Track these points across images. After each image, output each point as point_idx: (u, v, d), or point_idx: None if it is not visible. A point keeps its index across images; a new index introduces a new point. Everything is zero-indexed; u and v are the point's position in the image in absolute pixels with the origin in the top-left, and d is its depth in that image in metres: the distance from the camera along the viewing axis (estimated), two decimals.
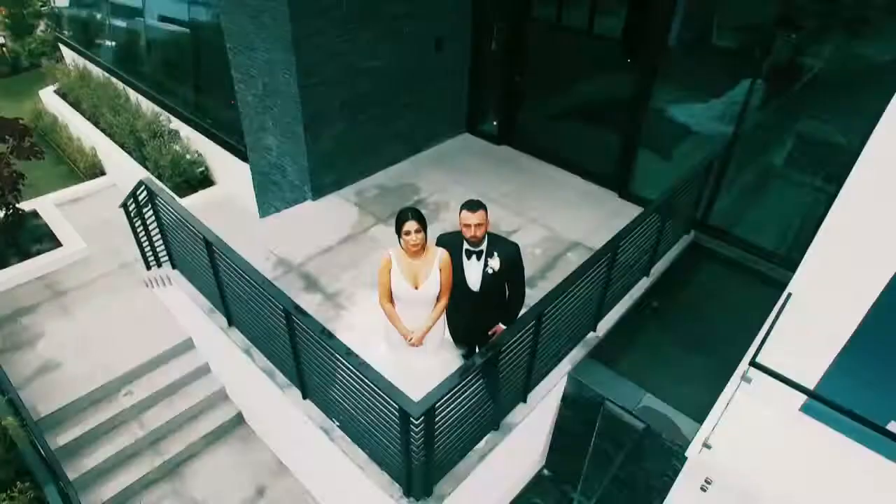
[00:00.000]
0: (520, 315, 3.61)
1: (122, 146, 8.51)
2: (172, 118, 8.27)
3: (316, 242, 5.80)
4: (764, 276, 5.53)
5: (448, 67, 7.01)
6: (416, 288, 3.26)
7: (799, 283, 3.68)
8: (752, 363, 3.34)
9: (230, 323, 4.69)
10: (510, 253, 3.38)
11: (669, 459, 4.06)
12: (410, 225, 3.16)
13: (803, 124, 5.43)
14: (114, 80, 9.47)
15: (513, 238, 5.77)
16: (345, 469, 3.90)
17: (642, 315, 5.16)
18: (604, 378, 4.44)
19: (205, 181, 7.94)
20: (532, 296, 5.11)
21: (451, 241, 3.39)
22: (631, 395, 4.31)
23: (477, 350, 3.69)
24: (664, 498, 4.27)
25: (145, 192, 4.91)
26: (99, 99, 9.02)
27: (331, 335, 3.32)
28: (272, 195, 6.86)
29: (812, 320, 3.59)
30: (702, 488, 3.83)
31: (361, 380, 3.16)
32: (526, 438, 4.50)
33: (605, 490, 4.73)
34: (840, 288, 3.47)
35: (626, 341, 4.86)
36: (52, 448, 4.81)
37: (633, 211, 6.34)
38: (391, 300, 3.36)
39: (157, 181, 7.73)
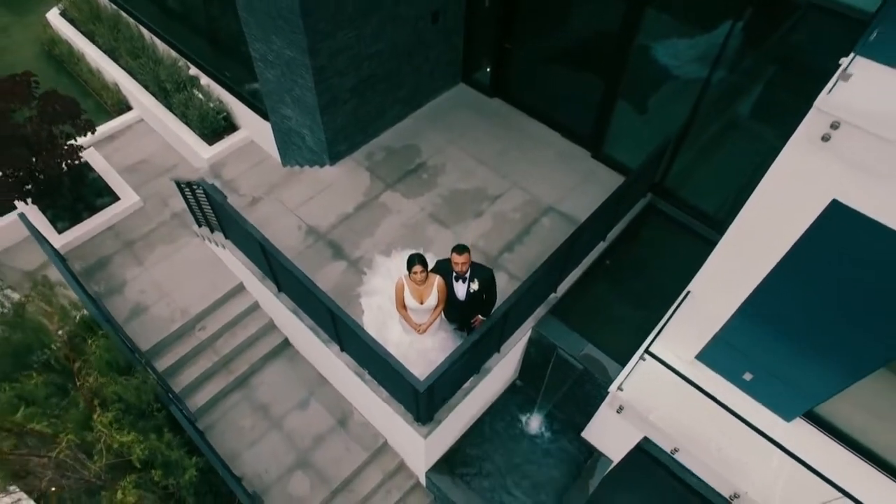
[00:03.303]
0: (494, 308, 5.09)
1: (145, 87, 9.23)
2: (191, 65, 8.90)
3: (337, 210, 7.05)
4: (710, 241, 6.61)
5: (445, 31, 7.57)
6: (421, 303, 4.72)
7: (698, 282, 5.08)
8: (647, 351, 4.89)
9: (279, 289, 6.18)
10: (486, 277, 4.80)
11: (599, 390, 5.82)
12: (417, 268, 4.52)
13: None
14: (123, 14, 9.79)
15: (498, 203, 7.06)
16: (372, 397, 5.68)
17: (596, 274, 6.60)
18: (558, 330, 6.04)
19: (229, 126, 8.83)
20: (511, 259, 6.55)
21: (444, 268, 4.78)
22: (576, 344, 5.95)
23: (464, 330, 5.27)
24: (595, 411, 6.13)
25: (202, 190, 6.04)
26: (116, 41, 9.48)
27: (362, 328, 4.84)
28: (293, 151, 7.89)
29: (701, 311, 5.06)
30: (617, 411, 5.61)
31: (385, 361, 4.73)
32: (501, 371, 6.23)
33: (558, 400, 6.61)
34: (725, 290, 4.85)
35: (580, 298, 6.37)
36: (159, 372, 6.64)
37: (605, 173, 7.46)
38: (404, 307, 4.85)
39: (184, 126, 8.67)
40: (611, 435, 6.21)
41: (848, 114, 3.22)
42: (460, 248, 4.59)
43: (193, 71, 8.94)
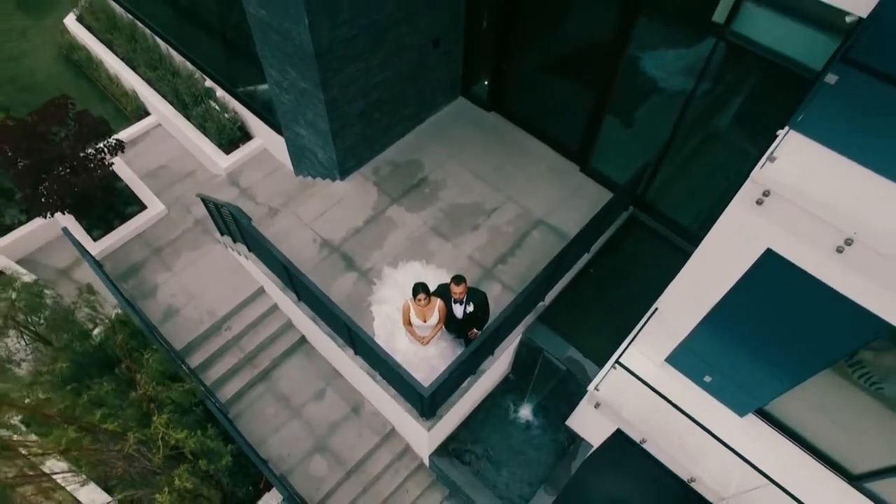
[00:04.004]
0: (487, 323, 5.90)
1: (163, 97, 9.81)
2: (206, 77, 9.48)
3: (348, 224, 7.77)
4: (685, 253, 7.15)
5: (446, 53, 8.16)
6: (425, 321, 5.53)
7: (664, 301, 5.87)
8: (617, 361, 5.71)
9: (299, 298, 6.96)
10: (479, 300, 5.60)
11: (579, 388, 6.67)
12: (421, 296, 5.31)
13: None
14: (139, 24, 10.30)
15: (493, 217, 7.77)
16: (382, 394, 6.54)
17: (580, 282, 7.38)
18: (544, 335, 6.85)
19: (244, 136, 9.44)
20: (504, 271, 7.32)
21: (444, 292, 5.57)
22: (560, 347, 6.77)
23: (462, 339, 6.09)
24: (577, 404, 7.00)
25: (230, 213, 6.75)
26: (134, 52, 10.02)
27: (376, 343, 5.64)
28: (306, 164, 8.57)
29: (668, 324, 5.86)
30: (595, 406, 6.47)
31: (394, 368, 5.55)
32: (496, 369, 7.07)
33: (546, 393, 7.48)
34: (687, 308, 5.64)
35: (565, 304, 7.16)
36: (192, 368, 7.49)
37: (592, 187, 8.15)
38: (410, 324, 5.65)
39: (202, 136, 9.30)
40: (590, 424, 7.10)
41: (775, 186, 3.95)
42: (458, 280, 5.40)
43: (209, 83, 9.52)
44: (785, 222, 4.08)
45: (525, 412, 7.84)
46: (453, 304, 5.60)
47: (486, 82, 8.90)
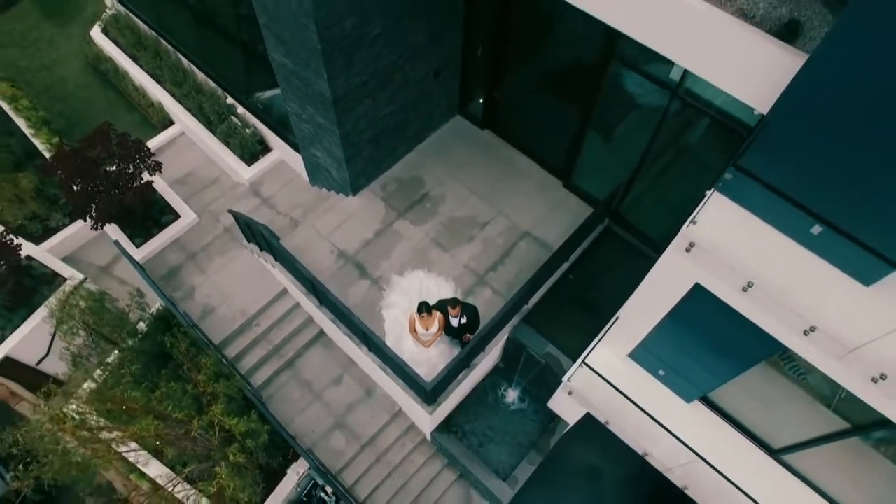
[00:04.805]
0: (478, 329, 7.17)
1: (188, 110, 10.81)
2: (228, 95, 10.48)
3: (360, 236, 8.94)
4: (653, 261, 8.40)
5: (445, 81, 9.17)
6: (427, 330, 6.78)
7: (625, 310, 7.12)
8: (583, 362, 7.00)
9: (321, 303, 8.21)
10: (471, 313, 6.85)
11: (556, 378, 7.98)
12: (424, 314, 6.53)
13: None
14: (162, 41, 11.20)
15: (486, 229, 8.93)
16: (391, 383, 7.85)
17: (560, 286, 8.61)
18: (527, 333, 8.13)
19: (264, 148, 10.48)
20: (495, 277, 8.55)
21: (443, 306, 6.80)
22: (540, 344, 8.06)
23: (458, 340, 7.40)
24: (556, 391, 8.34)
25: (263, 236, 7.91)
26: (159, 69, 10.97)
27: (388, 347, 6.91)
28: (321, 178, 9.67)
29: (629, 328, 7.13)
30: (569, 393, 7.80)
31: (402, 367, 6.84)
32: (487, 361, 8.38)
33: (529, 381, 8.81)
34: (643, 318, 6.88)
35: (546, 307, 8.41)
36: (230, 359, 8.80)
37: (574, 202, 9.28)
38: (415, 332, 6.92)
39: (226, 148, 10.36)
40: (566, 407, 8.46)
41: (697, 240, 5.13)
42: (453, 303, 6.69)
43: (230, 100, 10.52)
44: (706, 266, 5.28)
45: (512, 395, 9.20)
46: (450, 318, 6.86)
47: (480, 100, 9.90)
